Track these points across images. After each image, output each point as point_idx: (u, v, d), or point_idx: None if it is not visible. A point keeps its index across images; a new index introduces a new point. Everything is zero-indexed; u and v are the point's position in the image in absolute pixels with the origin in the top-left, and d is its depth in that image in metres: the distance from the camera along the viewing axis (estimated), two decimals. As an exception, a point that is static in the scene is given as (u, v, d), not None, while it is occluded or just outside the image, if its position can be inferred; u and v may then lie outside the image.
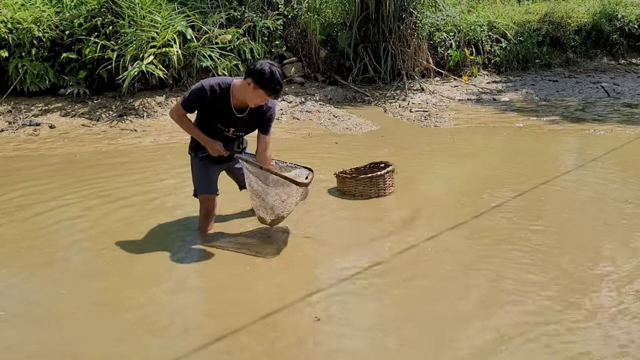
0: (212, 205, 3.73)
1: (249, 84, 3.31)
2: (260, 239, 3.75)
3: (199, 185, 3.72)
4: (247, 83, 3.32)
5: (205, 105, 3.47)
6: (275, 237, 3.76)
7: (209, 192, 3.71)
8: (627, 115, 7.76)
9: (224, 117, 3.49)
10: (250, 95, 3.36)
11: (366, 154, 5.50)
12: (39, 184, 4.74)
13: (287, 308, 2.88)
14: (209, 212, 3.74)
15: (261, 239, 3.74)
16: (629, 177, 5.06)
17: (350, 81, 9.17)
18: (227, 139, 3.60)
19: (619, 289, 3.08)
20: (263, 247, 3.62)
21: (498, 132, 7.02)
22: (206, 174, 3.71)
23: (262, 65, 3.29)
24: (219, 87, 3.43)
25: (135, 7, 7.07)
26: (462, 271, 3.33)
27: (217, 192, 3.76)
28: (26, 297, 3.04)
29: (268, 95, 3.34)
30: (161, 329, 2.72)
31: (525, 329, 2.71)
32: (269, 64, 3.31)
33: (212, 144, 3.52)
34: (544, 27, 11.02)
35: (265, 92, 3.31)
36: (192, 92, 3.47)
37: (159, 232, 3.83)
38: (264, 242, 3.69)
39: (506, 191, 4.58)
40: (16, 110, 6.91)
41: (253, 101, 3.40)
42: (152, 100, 7.38)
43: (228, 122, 3.51)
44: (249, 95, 3.36)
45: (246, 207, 4.11)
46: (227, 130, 3.54)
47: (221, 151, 3.54)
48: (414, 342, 2.65)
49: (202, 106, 3.49)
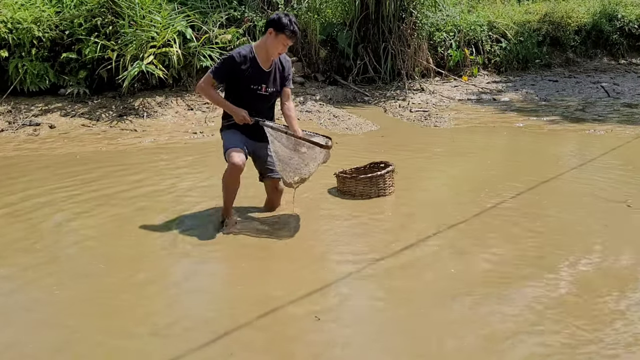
0: (240, 160, 3.68)
1: (270, 33, 3.68)
2: (270, 226, 3.96)
3: (229, 144, 3.79)
4: (269, 33, 3.69)
5: (236, 71, 3.73)
6: (286, 224, 3.89)
7: (238, 146, 3.75)
8: (627, 115, 7.76)
9: (255, 75, 3.77)
10: (272, 45, 3.71)
11: (366, 154, 5.50)
12: (39, 184, 4.74)
13: (286, 307, 2.88)
14: (234, 167, 3.68)
15: (270, 227, 3.94)
16: (629, 177, 5.06)
17: (350, 81, 9.17)
18: (261, 99, 3.85)
19: (619, 289, 3.08)
20: (275, 232, 3.86)
21: (498, 132, 7.02)
22: (235, 138, 3.84)
23: (278, 14, 3.70)
24: (244, 51, 3.77)
25: (135, 7, 7.07)
26: (462, 271, 3.32)
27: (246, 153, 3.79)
28: (26, 297, 3.03)
29: (288, 37, 3.68)
30: (162, 328, 2.72)
31: (524, 330, 2.71)
32: (282, 13, 3.73)
33: (238, 112, 3.74)
34: (544, 27, 11.02)
35: (285, 35, 3.66)
36: (222, 62, 3.78)
37: (159, 232, 3.82)
38: (275, 229, 3.90)
39: (506, 191, 4.58)
40: (16, 110, 6.91)
41: (277, 49, 3.73)
42: (152, 100, 7.38)
43: (260, 79, 3.79)
44: (271, 45, 3.71)
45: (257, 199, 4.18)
46: (260, 88, 3.81)
47: (247, 118, 3.74)
48: (414, 341, 2.65)
49: (233, 73, 3.74)
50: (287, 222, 4.01)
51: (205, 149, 5.88)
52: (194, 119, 7.14)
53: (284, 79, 3.93)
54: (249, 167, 3.91)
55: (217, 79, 3.77)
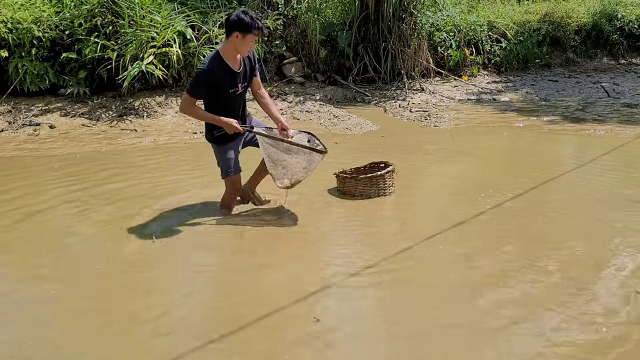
0: (239, 183, 4.08)
1: (236, 37, 3.66)
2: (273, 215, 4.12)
3: (227, 168, 3.98)
4: (235, 36, 3.66)
5: (212, 81, 3.73)
6: (286, 224, 3.97)
7: (236, 172, 4.01)
8: (627, 115, 7.75)
9: (229, 79, 3.79)
10: (242, 46, 3.71)
11: (366, 154, 5.50)
12: (39, 184, 4.74)
13: (286, 308, 2.88)
14: (236, 191, 4.09)
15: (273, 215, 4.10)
16: (629, 177, 5.06)
17: (350, 81, 9.16)
18: (239, 98, 3.91)
19: (619, 289, 3.08)
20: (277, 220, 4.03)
21: (498, 132, 7.01)
22: (231, 157, 3.97)
23: (238, 15, 3.66)
24: (212, 59, 3.74)
25: (135, 7, 7.07)
26: (462, 271, 3.33)
27: (241, 169, 4.04)
28: (26, 296, 3.04)
29: (256, 35, 3.71)
30: (162, 328, 2.73)
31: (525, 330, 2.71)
32: (241, 12, 3.69)
33: (228, 123, 3.78)
34: (544, 27, 11.01)
35: (252, 34, 3.68)
36: (196, 79, 3.77)
37: (159, 232, 3.82)
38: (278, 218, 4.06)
39: (506, 191, 4.58)
40: (16, 110, 6.91)
41: (246, 49, 3.76)
42: (152, 100, 7.38)
43: (234, 81, 3.82)
44: (241, 47, 3.71)
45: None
46: (237, 88, 3.84)
47: (238, 127, 3.80)
48: (415, 341, 2.65)
49: (209, 84, 3.74)
50: (287, 223, 4.01)
51: (205, 149, 5.87)
52: (193, 118, 7.12)
53: (252, 69, 3.97)
54: (246, 167, 3.91)
55: (196, 96, 3.77)
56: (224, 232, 3.84)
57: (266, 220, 4.03)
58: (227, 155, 3.96)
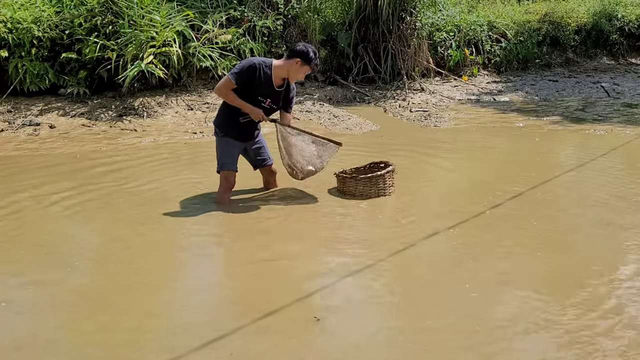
0: (233, 180, 4.25)
1: (296, 63, 4.01)
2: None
3: (224, 162, 4.20)
4: (295, 62, 4.01)
5: (252, 79, 3.98)
6: (286, 224, 3.84)
7: (232, 168, 4.21)
8: (627, 115, 7.75)
9: (266, 90, 4.06)
10: (294, 72, 4.06)
11: (366, 154, 5.49)
12: (39, 184, 4.73)
13: (286, 308, 2.88)
14: (230, 185, 4.25)
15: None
16: (629, 177, 5.06)
17: (350, 81, 9.16)
18: (261, 109, 4.11)
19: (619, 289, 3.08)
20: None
21: (498, 132, 7.01)
22: (229, 152, 4.20)
23: (306, 47, 4.04)
24: (265, 65, 4.03)
25: (134, 7, 7.06)
26: (462, 271, 3.33)
27: (237, 170, 4.24)
28: (26, 295, 3.04)
29: (311, 69, 4.12)
30: (161, 328, 2.72)
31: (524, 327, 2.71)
32: (309, 46, 4.06)
33: (255, 110, 4.05)
34: (544, 27, 11.01)
35: (309, 67, 4.06)
36: (244, 68, 3.99)
37: (159, 232, 3.83)
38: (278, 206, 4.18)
39: (506, 191, 4.58)
40: (16, 110, 6.91)
41: (297, 76, 4.13)
42: (152, 100, 7.38)
43: (268, 94, 4.09)
44: (293, 72, 4.06)
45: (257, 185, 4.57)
46: (265, 101, 4.10)
47: (264, 116, 4.07)
48: (415, 341, 2.65)
49: (248, 78, 3.97)
50: (287, 223, 4.01)
51: (205, 149, 5.88)
52: (193, 118, 7.13)
53: (287, 100, 4.25)
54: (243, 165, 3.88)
55: (236, 82, 3.98)
56: (221, 229, 3.84)
57: (265, 220, 4.03)
58: (227, 149, 4.19)
